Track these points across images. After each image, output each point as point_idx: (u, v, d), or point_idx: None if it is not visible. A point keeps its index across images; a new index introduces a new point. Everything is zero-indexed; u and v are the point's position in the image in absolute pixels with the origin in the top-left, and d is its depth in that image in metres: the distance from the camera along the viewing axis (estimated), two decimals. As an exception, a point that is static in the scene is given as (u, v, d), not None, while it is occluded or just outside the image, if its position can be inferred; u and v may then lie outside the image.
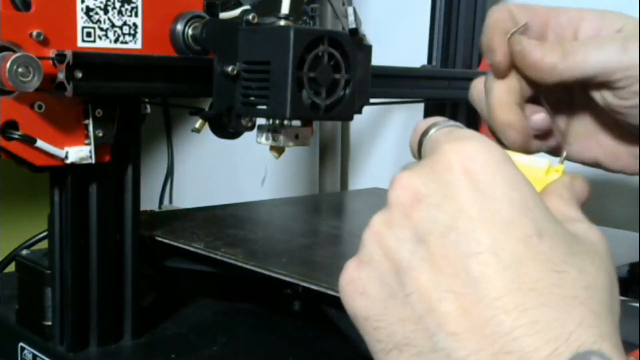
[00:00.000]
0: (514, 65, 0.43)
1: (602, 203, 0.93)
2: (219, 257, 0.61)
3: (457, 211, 0.29)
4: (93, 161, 0.55)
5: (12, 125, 0.52)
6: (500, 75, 0.43)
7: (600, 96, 0.42)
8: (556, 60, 0.41)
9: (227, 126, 0.60)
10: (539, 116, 0.44)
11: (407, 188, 0.31)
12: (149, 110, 0.61)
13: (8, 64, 0.48)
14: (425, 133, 0.34)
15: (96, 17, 0.54)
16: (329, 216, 0.94)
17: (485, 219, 0.29)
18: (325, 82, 0.55)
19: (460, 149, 0.30)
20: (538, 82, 0.42)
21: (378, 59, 0.61)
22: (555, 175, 0.37)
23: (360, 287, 0.31)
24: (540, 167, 0.37)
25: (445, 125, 0.34)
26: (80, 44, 0.53)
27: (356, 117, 0.59)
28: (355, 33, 0.56)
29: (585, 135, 0.46)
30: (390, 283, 0.30)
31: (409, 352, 0.29)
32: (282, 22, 0.57)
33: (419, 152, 0.35)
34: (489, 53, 0.43)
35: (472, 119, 0.94)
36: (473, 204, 0.29)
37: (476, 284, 0.28)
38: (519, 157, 0.37)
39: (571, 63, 0.41)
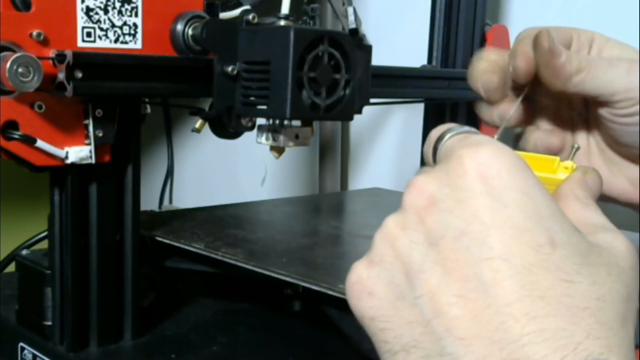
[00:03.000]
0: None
1: (601, 203, 0.93)
2: (219, 258, 0.61)
3: (470, 216, 0.29)
4: (93, 161, 0.55)
5: (12, 125, 0.52)
6: (519, 78, 0.45)
7: (600, 111, 0.45)
8: (573, 71, 0.43)
9: (227, 126, 0.60)
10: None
11: (422, 192, 0.31)
12: (149, 110, 0.61)
13: (8, 64, 0.48)
14: (439, 139, 0.35)
15: (96, 17, 0.54)
16: (329, 216, 0.94)
17: (498, 225, 0.29)
18: (325, 82, 0.55)
19: (475, 154, 0.31)
20: (548, 86, 0.44)
21: (378, 59, 0.61)
22: (562, 175, 0.37)
23: (369, 287, 0.32)
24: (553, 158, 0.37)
25: (460, 131, 0.34)
26: (80, 44, 0.53)
27: (356, 117, 0.59)
28: (355, 33, 0.56)
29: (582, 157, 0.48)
30: (400, 285, 0.30)
31: (416, 354, 0.30)
32: (282, 22, 0.57)
33: (433, 158, 0.35)
34: (511, 58, 0.45)
35: (472, 119, 0.94)
36: (486, 209, 0.29)
37: (486, 290, 0.28)
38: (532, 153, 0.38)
39: (582, 78, 0.43)
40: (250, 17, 0.56)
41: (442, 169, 0.31)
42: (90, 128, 0.54)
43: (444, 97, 0.86)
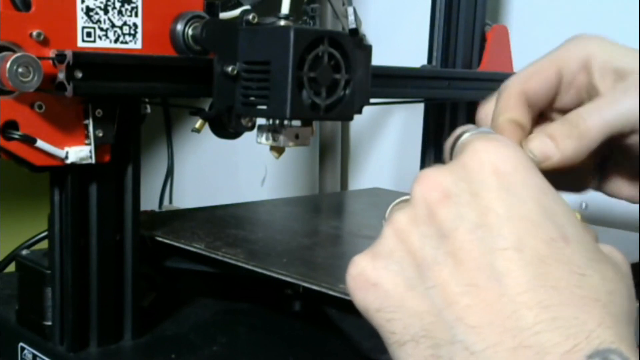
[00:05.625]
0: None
1: (602, 203, 0.93)
2: (219, 258, 0.61)
3: (485, 209, 0.30)
4: (93, 161, 0.55)
5: (12, 125, 0.52)
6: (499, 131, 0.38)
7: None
8: (572, 148, 0.37)
9: (227, 126, 0.60)
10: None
11: (436, 185, 0.31)
12: (149, 110, 0.61)
13: (8, 64, 0.48)
14: (459, 137, 0.35)
15: (96, 17, 0.54)
16: (329, 216, 0.94)
17: (513, 218, 0.29)
18: (325, 82, 0.55)
19: (492, 150, 0.31)
20: None
21: (378, 59, 0.61)
22: None
23: (373, 279, 0.32)
24: None
25: (480, 132, 0.35)
26: (80, 44, 0.53)
27: (356, 117, 0.59)
28: (355, 33, 0.56)
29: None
30: (410, 276, 0.31)
31: (425, 343, 0.30)
32: (282, 22, 0.57)
33: (450, 155, 0.36)
34: (496, 112, 0.39)
35: (472, 119, 0.94)
36: (502, 202, 0.30)
37: (499, 279, 0.29)
38: None
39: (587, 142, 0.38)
40: (250, 17, 0.56)
41: (458, 162, 0.32)
42: (90, 128, 0.54)
43: (444, 97, 0.86)
